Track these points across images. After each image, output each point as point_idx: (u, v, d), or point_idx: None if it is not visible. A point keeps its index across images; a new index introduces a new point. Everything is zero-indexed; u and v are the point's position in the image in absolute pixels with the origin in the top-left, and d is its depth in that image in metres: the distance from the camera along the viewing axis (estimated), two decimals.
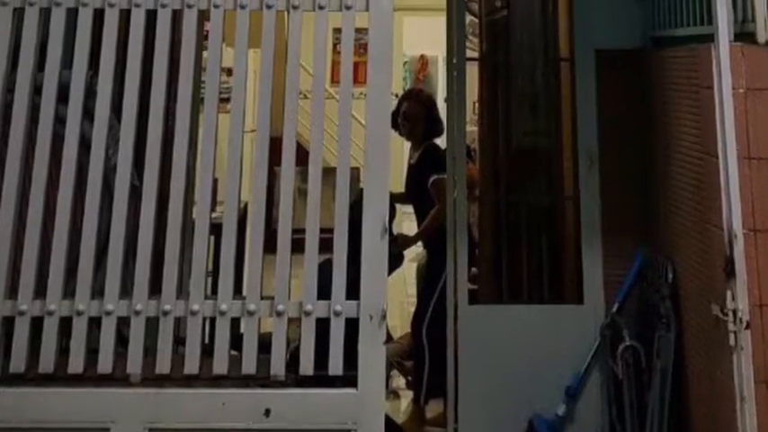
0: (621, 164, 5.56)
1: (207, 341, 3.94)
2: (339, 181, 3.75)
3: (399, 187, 7.75)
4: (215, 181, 3.79)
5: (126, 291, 3.63)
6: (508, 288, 5.84)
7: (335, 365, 3.56)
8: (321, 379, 3.57)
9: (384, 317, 3.63)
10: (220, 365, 3.57)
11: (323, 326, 3.62)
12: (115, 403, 3.52)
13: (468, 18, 6.24)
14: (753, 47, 4.34)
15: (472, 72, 6.04)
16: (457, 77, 5.77)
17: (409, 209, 7.95)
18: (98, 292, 3.61)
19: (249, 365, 3.57)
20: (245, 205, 5.06)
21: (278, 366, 3.58)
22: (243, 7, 3.88)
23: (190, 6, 3.88)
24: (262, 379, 3.59)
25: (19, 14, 3.84)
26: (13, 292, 3.59)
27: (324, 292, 3.63)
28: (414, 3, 15.07)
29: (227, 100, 3.79)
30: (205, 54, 3.95)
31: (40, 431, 3.51)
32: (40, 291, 3.59)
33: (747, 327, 4.02)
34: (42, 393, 3.52)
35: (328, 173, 3.74)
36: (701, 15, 4.68)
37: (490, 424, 5.45)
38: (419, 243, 7.62)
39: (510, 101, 6.18)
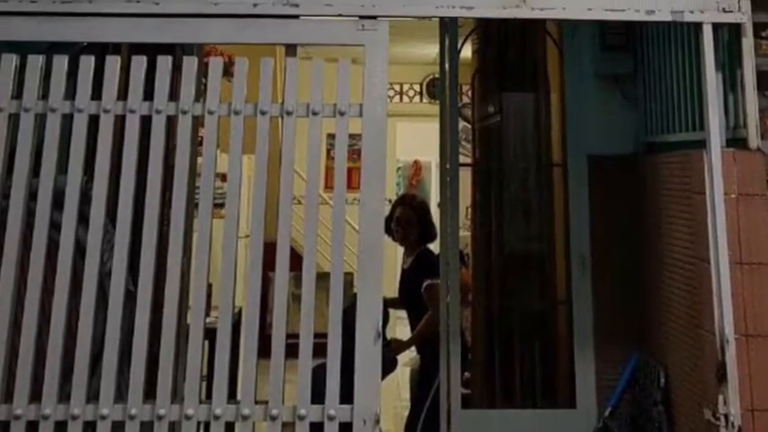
0: (614, 268, 5.59)
1: None
2: (333, 286, 3.79)
3: (392, 292, 7.78)
4: (209, 286, 3.83)
5: (121, 395, 3.65)
6: (501, 392, 5.84)
7: None
8: None
9: (378, 421, 3.65)
10: None
11: (317, 430, 3.63)
12: None
13: (462, 124, 6.34)
14: (745, 152, 4.41)
15: (465, 177, 6.12)
16: (450, 183, 5.84)
17: (403, 313, 7.97)
18: (93, 396, 3.63)
19: None
20: (240, 310, 5.09)
21: None
22: (237, 113, 3.97)
23: (184, 112, 3.97)
24: None
25: (14, 120, 3.92)
26: (8, 396, 3.61)
27: (318, 396, 3.64)
28: (407, 109, 15.32)
29: (222, 205, 3.85)
30: (199, 160, 4.03)
31: None
32: (36, 395, 3.61)
33: (739, 431, 4.03)
34: None
35: (322, 278, 3.79)
36: (694, 121, 4.78)
37: None
38: (413, 348, 7.62)
39: (503, 206, 6.26)
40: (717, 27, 4.42)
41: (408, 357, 8.21)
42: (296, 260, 3.79)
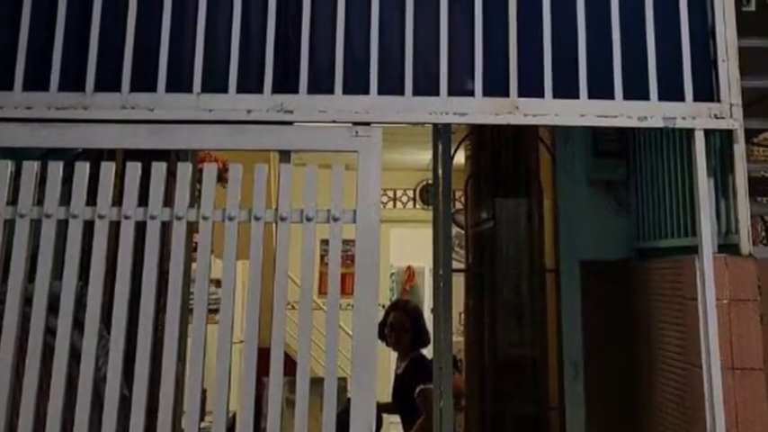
0: (606, 374, 5.62)
1: None
2: (326, 391, 3.83)
3: (386, 397, 7.77)
4: (204, 391, 3.86)
5: None
6: None
7: None
8: None
9: None
10: None
11: None
12: None
13: (455, 230, 6.42)
14: (736, 258, 4.47)
15: (458, 282, 6.18)
16: (443, 288, 5.90)
17: (396, 418, 7.96)
18: None
19: None
20: (234, 415, 5.11)
21: None
22: (231, 219, 4.04)
23: (179, 218, 4.04)
24: None
25: (9, 226, 3.98)
26: None
27: None
28: (401, 214, 15.44)
29: (216, 311, 3.89)
30: (194, 265, 4.08)
31: None
32: None
33: None
34: None
35: (316, 383, 3.82)
36: (686, 227, 4.86)
37: None
38: None
39: (496, 311, 6.31)
40: (709, 133, 4.51)
41: None
42: (290, 365, 3.83)
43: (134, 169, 4.08)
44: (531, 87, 4.46)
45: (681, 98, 4.48)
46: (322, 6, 4.50)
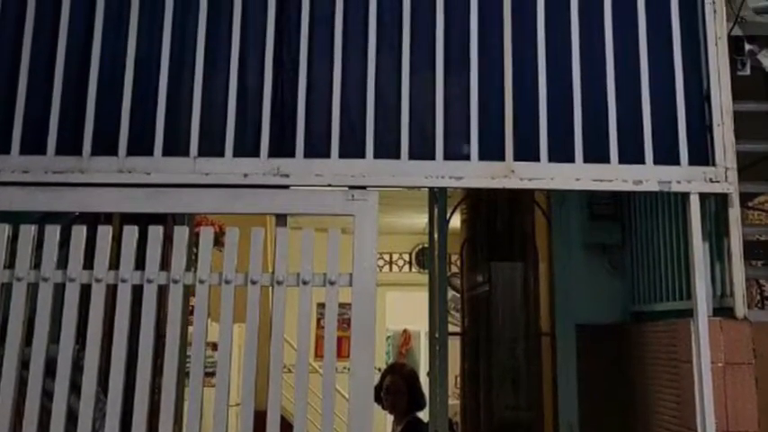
0: None
1: None
2: None
3: None
4: None
5: None
6: None
7: None
8: None
9: None
10: None
11: None
12: None
13: (451, 293, 6.47)
14: (731, 321, 4.49)
15: (454, 346, 6.21)
16: (439, 351, 5.92)
17: None
18: None
19: None
20: None
21: None
22: (228, 283, 4.08)
23: (175, 282, 4.08)
24: None
25: (6, 289, 4.02)
26: None
27: None
28: (397, 278, 15.45)
29: (212, 374, 3.91)
30: (190, 329, 4.11)
31: None
32: None
33: None
34: None
35: None
36: (681, 290, 4.89)
37: None
38: None
39: (492, 374, 6.32)
40: (704, 197, 4.58)
41: None
42: (286, 428, 3.85)
43: (131, 233, 4.13)
44: (526, 151, 4.52)
45: (676, 162, 4.54)
46: (318, 70, 4.56)
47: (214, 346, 3.98)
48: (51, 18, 4.54)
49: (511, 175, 4.48)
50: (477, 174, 4.48)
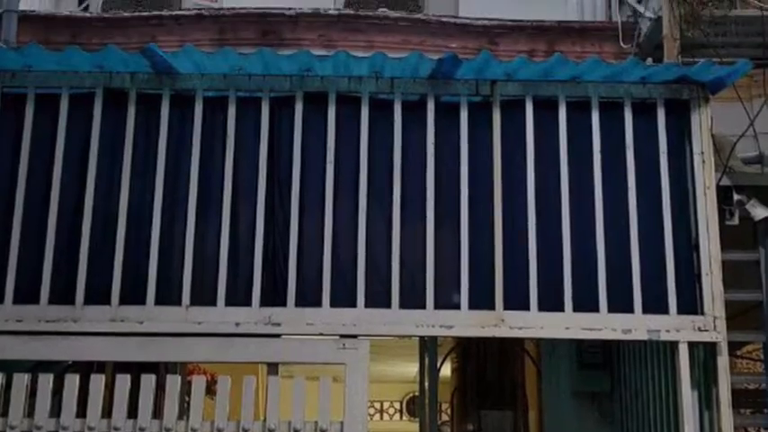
0: None
1: None
2: None
3: None
4: None
5: None
6: None
7: None
8: None
9: None
10: None
11: None
12: None
13: None
14: None
15: None
16: None
17: None
18: None
19: None
20: None
21: None
22: (220, 431, 4.13)
23: (168, 430, 4.18)
24: None
25: None
26: None
27: None
28: (387, 426, 15.37)
29: None
30: None
31: None
32: None
33: None
34: None
35: None
36: None
37: None
38: None
39: None
40: (693, 345, 4.66)
41: None
42: None
43: (123, 382, 4.19)
44: (516, 300, 4.63)
45: (665, 311, 4.65)
46: (310, 221, 4.70)
47: None
48: (44, 170, 4.69)
49: (501, 324, 4.56)
50: (468, 323, 4.57)
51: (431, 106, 4.81)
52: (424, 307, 4.56)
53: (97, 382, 4.21)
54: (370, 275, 4.63)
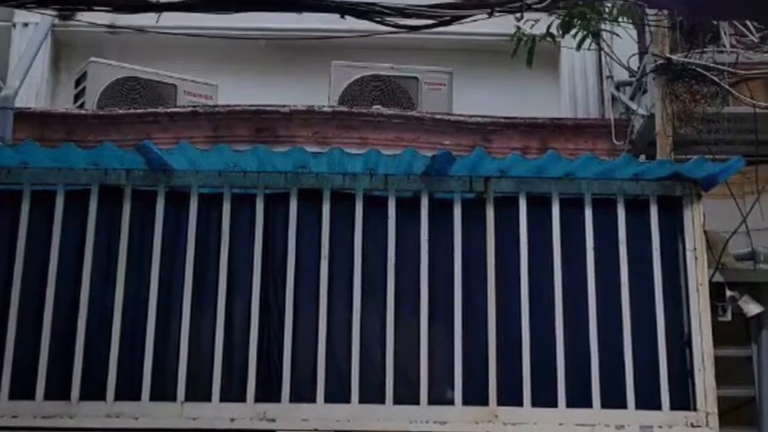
0: None
1: None
2: None
3: None
4: None
5: None
6: None
7: None
8: None
9: None
10: None
11: None
12: None
13: None
14: None
15: None
16: None
17: None
18: None
19: None
20: None
21: None
22: None
23: None
24: None
25: None
26: None
27: None
28: None
29: None
30: None
31: None
32: None
33: None
34: None
35: None
36: None
37: None
38: None
39: None
40: None
41: None
42: None
43: None
44: (510, 396, 4.71)
45: (658, 407, 4.72)
46: (304, 316, 4.80)
47: None
48: (40, 266, 4.78)
49: (494, 419, 4.64)
50: (461, 418, 4.65)
51: (425, 203, 4.93)
52: (417, 402, 4.64)
53: None
54: (365, 370, 4.71)
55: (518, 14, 5.14)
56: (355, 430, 4.55)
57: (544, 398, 4.70)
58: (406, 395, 4.66)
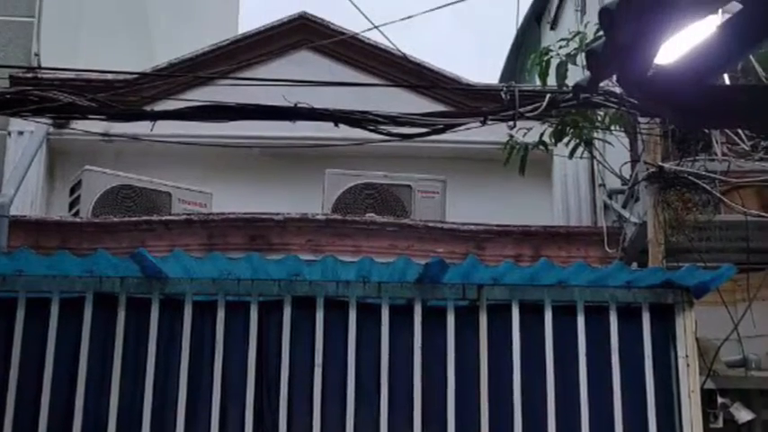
0: None
1: None
2: None
3: None
4: None
5: None
6: None
7: None
8: None
9: None
10: None
11: None
12: None
13: None
14: None
15: None
16: None
17: None
18: None
19: None
20: None
21: None
22: None
23: None
24: None
25: None
26: None
27: None
28: None
29: None
30: None
31: None
32: None
33: None
34: None
35: None
36: None
37: None
38: None
39: None
40: None
41: None
42: None
43: None
44: None
45: None
46: (298, 424, 4.89)
47: None
48: (35, 374, 4.86)
49: None
50: None
51: (418, 310, 5.03)
52: None
53: None
54: None
55: (511, 123, 5.30)
56: None
57: None
58: None
